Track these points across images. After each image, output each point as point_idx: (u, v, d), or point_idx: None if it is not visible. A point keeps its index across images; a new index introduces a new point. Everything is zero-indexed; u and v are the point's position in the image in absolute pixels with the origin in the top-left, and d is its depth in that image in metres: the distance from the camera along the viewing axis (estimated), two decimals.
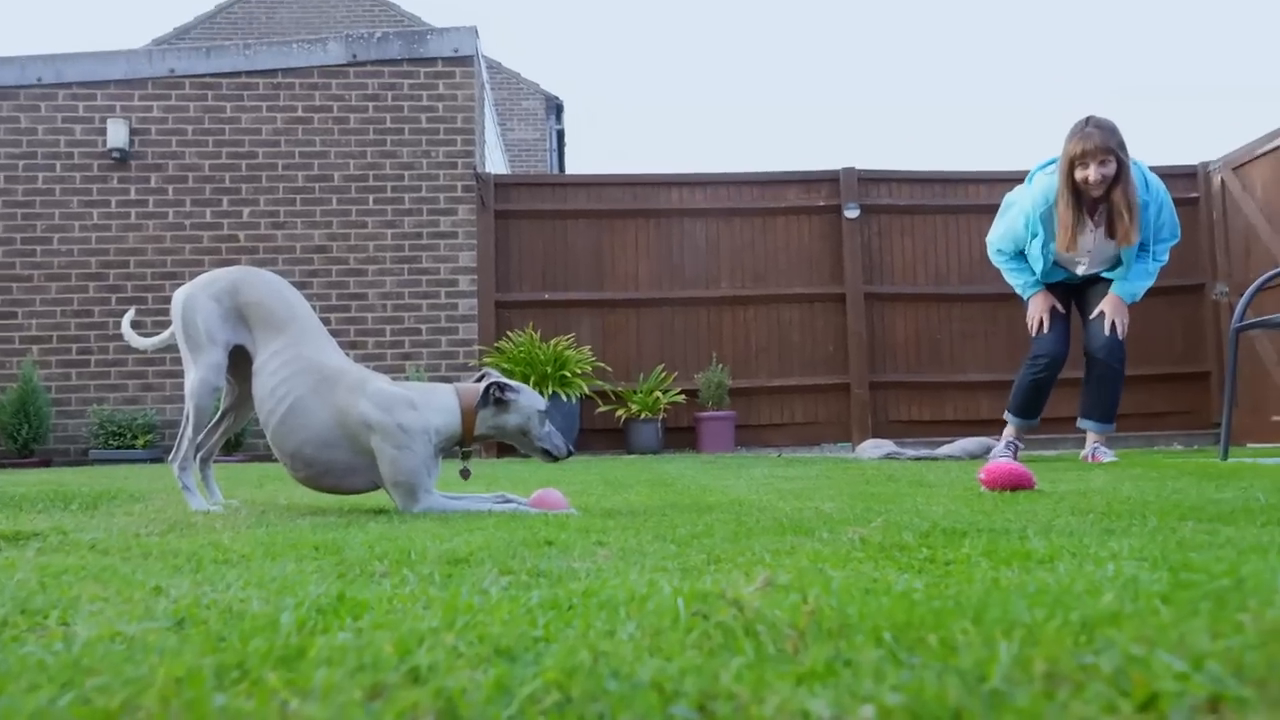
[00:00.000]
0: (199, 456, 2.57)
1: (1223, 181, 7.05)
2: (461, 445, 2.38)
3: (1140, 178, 3.97)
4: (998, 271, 7.31)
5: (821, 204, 7.39)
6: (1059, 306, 4.29)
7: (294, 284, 7.02)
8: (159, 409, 6.92)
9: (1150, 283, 4.20)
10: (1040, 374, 4.28)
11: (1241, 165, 6.87)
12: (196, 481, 2.50)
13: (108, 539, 1.73)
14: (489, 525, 1.91)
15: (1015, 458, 4.24)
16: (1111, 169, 3.86)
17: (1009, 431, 4.46)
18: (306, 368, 2.33)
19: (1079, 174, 3.90)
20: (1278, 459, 3.93)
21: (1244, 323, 3.88)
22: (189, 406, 2.41)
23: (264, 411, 2.35)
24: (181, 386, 7.34)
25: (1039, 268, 4.23)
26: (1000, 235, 4.37)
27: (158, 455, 6.49)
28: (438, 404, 2.32)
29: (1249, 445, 6.26)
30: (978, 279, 7.39)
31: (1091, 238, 4.05)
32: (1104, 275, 4.24)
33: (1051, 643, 0.67)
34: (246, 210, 7.15)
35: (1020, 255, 4.32)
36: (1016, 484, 2.55)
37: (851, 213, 7.32)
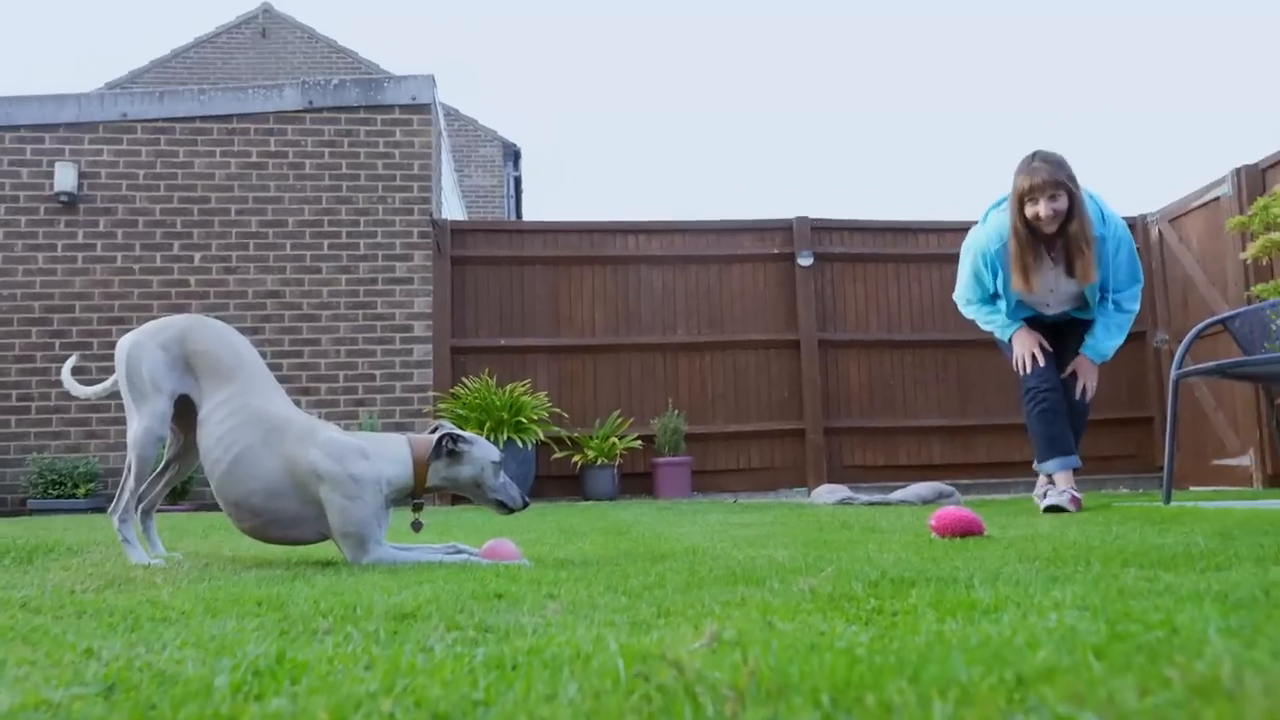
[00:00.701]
0: (141, 508, 2.51)
1: (1160, 233, 7.29)
2: (413, 497, 2.35)
3: (1096, 212, 3.75)
4: (949, 319, 7.56)
5: (776, 252, 7.50)
6: (1044, 344, 3.93)
7: (245, 329, 6.96)
8: (102, 457, 6.74)
9: (1121, 339, 3.97)
10: (1043, 402, 3.89)
11: (1177, 217, 7.11)
12: (137, 533, 2.43)
13: (40, 596, 1.67)
14: (438, 578, 1.88)
15: (1075, 504, 3.73)
16: (1063, 204, 3.63)
17: (1060, 480, 3.82)
18: (254, 417, 2.30)
19: (1029, 210, 3.67)
20: (1218, 502, 4.03)
21: (1183, 370, 3.99)
22: (131, 456, 2.35)
23: (210, 461, 2.30)
24: (125, 434, 7.13)
25: (1005, 307, 3.96)
26: (965, 284, 4.07)
27: (99, 504, 6.31)
28: (389, 454, 2.29)
29: (1191, 488, 6.41)
30: (929, 326, 7.54)
31: (1051, 275, 3.81)
32: (1075, 315, 3.99)
33: (985, 702, 0.67)
34: (198, 255, 7.07)
35: (991, 299, 4.01)
36: (966, 530, 2.58)
37: (805, 261, 7.43)
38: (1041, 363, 3.89)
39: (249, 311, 7.03)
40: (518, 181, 17.00)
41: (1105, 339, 3.91)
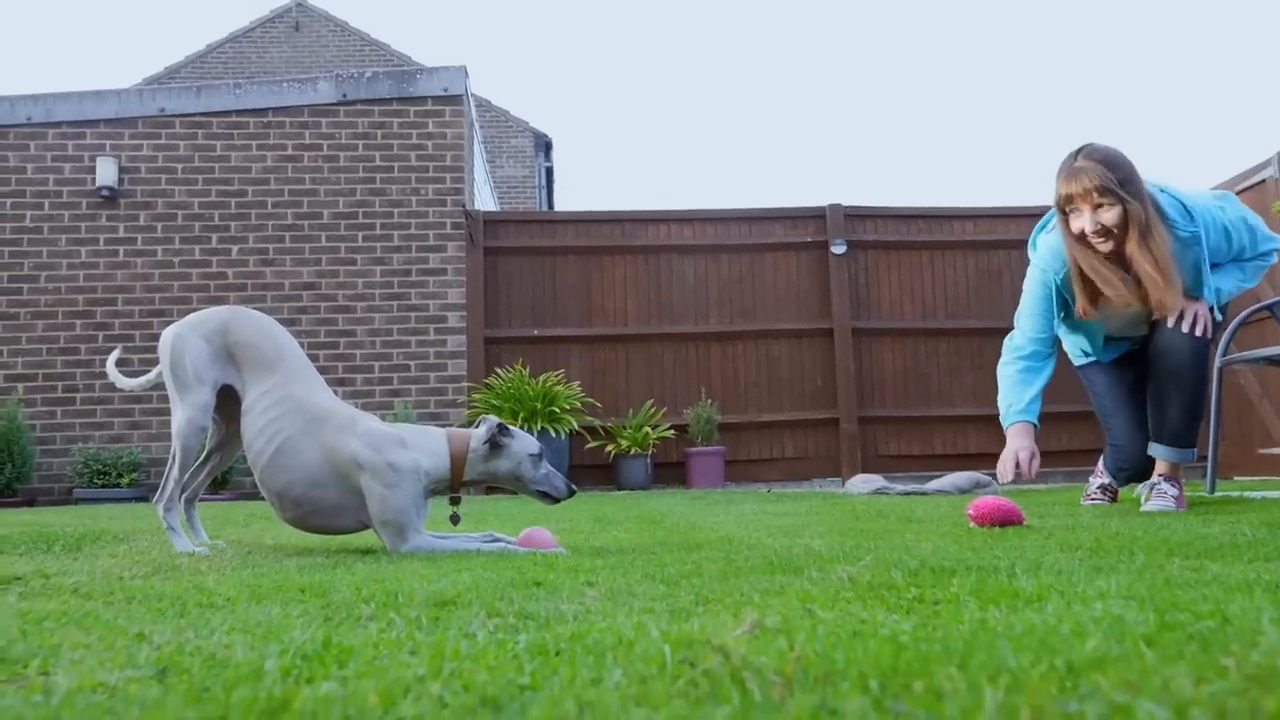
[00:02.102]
0: (184, 496, 2.55)
1: None
2: (451, 490, 2.37)
3: (1177, 209, 2.95)
4: (984, 306, 7.48)
5: (809, 240, 7.45)
6: (1036, 450, 3.13)
7: (282, 320, 7.03)
8: (145, 447, 6.87)
9: (1241, 287, 3.11)
10: (1123, 474, 3.31)
11: None
12: (181, 522, 2.48)
13: (91, 582, 1.71)
14: (476, 565, 1.89)
15: (1111, 498, 3.50)
16: (1112, 215, 2.84)
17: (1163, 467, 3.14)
18: (296, 407, 2.33)
19: (1074, 224, 2.93)
20: (1264, 492, 3.95)
21: (1228, 358, 3.91)
22: (175, 446, 2.39)
23: (253, 451, 2.34)
24: (168, 425, 7.24)
25: (1092, 345, 3.28)
26: (1027, 318, 3.21)
27: (143, 494, 6.43)
28: (428, 446, 2.31)
29: (1235, 478, 6.29)
30: (964, 313, 7.46)
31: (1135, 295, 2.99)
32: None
33: (1037, 690, 0.67)
34: (235, 248, 7.16)
35: (1043, 355, 3.21)
36: (1005, 519, 2.55)
37: (838, 249, 7.38)
38: (1020, 474, 3.13)
39: (286, 303, 7.11)
40: (549, 172, 17.02)
41: (1233, 280, 3.09)
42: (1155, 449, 3.12)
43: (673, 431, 6.89)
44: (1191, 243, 2.94)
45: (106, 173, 7.03)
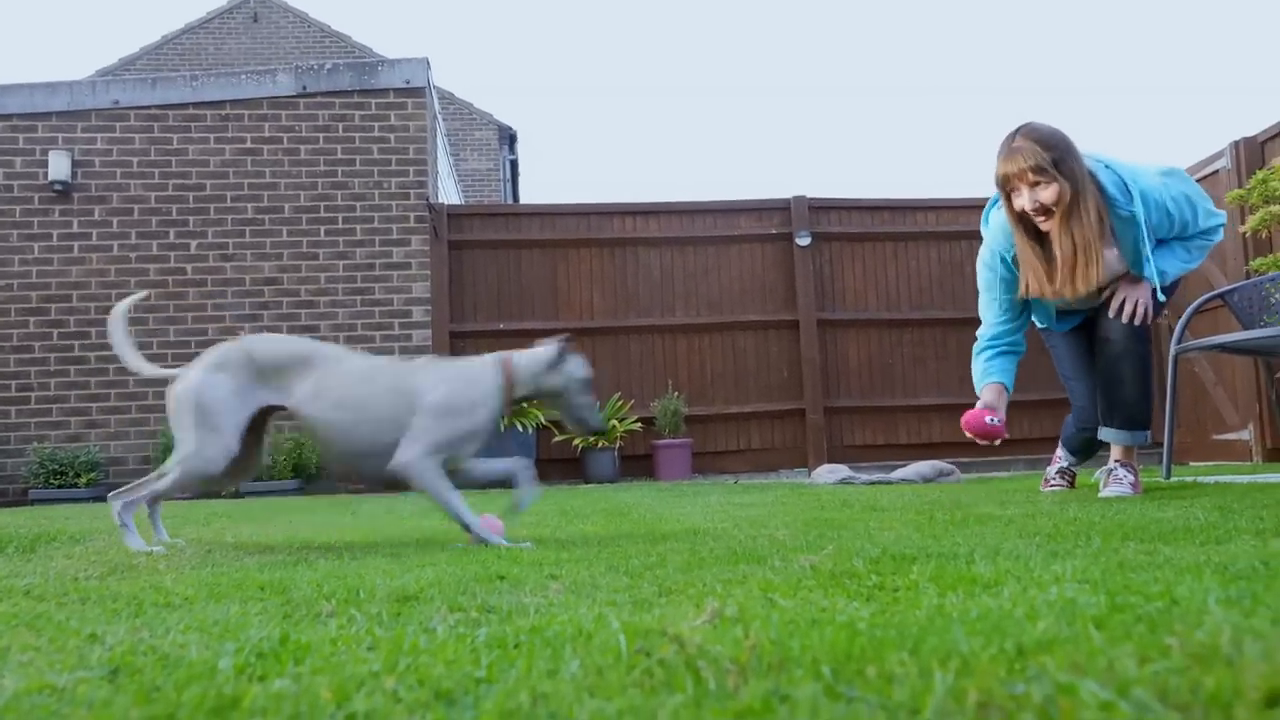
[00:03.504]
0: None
1: None
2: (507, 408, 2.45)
3: (1118, 186, 2.92)
4: (948, 297, 7.57)
5: (774, 232, 7.48)
6: (998, 414, 3.07)
7: (243, 316, 6.95)
8: (103, 446, 6.75)
9: (1184, 268, 3.07)
10: (1088, 432, 3.33)
11: None
12: (138, 520, 2.43)
13: (44, 584, 1.68)
14: (441, 560, 1.89)
15: (1069, 483, 3.56)
16: (1052, 192, 2.83)
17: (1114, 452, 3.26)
18: (352, 378, 2.36)
19: (1015, 204, 2.92)
20: (1217, 477, 4.04)
21: (1183, 345, 3.99)
22: (176, 473, 2.30)
23: (328, 432, 2.33)
24: (128, 423, 7.05)
25: (1045, 317, 3.30)
26: (988, 307, 3.23)
27: (100, 494, 6.31)
28: (481, 380, 2.38)
29: (1191, 464, 6.42)
30: (928, 304, 7.53)
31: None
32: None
33: (985, 672, 0.68)
34: (194, 243, 7.05)
35: (1019, 317, 3.22)
36: (985, 433, 2.98)
37: (803, 240, 7.41)
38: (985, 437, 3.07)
39: (247, 299, 7.01)
40: (514, 165, 16.94)
41: (1175, 260, 3.05)
42: (1105, 433, 3.15)
43: (640, 424, 6.90)
44: (1131, 222, 2.93)
45: (59, 167, 6.88)
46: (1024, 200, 2.90)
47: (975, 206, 7.73)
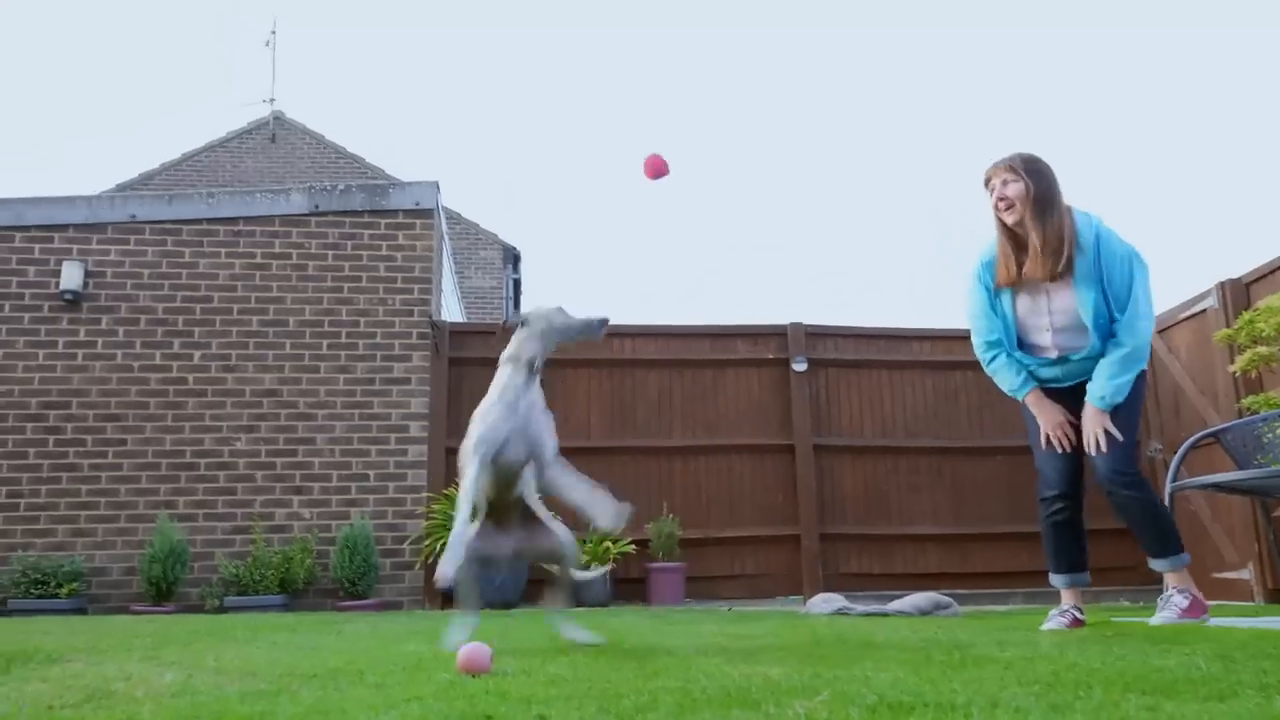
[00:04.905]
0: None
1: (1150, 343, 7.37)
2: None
3: (1087, 228, 3.34)
4: (943, 425, 7.59)
5: (770, 357, 7.57)
6: (1071, 422, 3.42)
7: (239, 427, 6.96)
8: (88, 555, 6.64)
9: (1124, 376, 3.33)
10: (1056, 514, 3.51)
11: (1166, 328, 7.21)
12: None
13: (17, 713, 1.63)
14: (428, 695, 1.84)
15: (1075, 625, 3.54)
16: (1017, 188, 3.33)
17: (1066, 597, 3.58)
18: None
19: (993, 200, 3.43)
20: (1219, 619, 3.97)
21: (1179, 483, 3.99)
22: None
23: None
24: (115, 532, 6.96)
25: (1006, 332, 3.55)
26: (976, 318, 3.63)
27: (81, 606, 6.18)
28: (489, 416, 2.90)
29: None
30: (923, 432, 7.56)
31: (1044, 286, 3.41)
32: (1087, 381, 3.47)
33: None
34: (198, 353, 7.12)
35: (1006, 345, 3.57)
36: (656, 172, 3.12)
37: (799, 366, 7.50)
38: (1068, 446, 3.43)
39: (245, 410, 7.04)
40: (517, 284, 17.25)
41: (1104, 377, 3.35)
42: (1152, 563, 3.45)
43: (633, 546, 6.81)
44: (1087, 249, 3.30)
45: (71, 277, 7.02)
46: (996, 189, 3.39)
47: (968, 338, 7.84)
